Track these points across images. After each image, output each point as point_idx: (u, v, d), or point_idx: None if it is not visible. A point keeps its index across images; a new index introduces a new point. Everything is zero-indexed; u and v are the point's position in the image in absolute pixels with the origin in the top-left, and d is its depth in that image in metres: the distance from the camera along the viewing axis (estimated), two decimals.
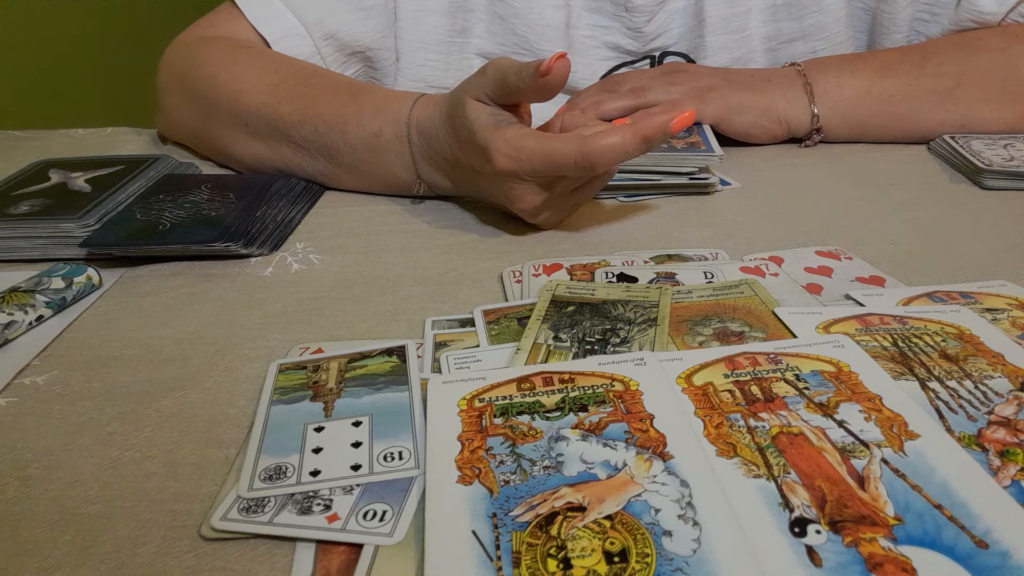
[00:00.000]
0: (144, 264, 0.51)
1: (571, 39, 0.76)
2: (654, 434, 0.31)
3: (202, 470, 0.32)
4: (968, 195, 0.59)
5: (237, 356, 0.41)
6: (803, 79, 0.67)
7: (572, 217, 0.56)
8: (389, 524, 0.28)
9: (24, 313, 0.43)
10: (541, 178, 0.49)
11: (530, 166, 0.48)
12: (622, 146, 0.46)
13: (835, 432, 0.30)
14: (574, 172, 0.48)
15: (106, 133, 0.83)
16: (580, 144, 0.47)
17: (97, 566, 0.28)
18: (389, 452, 0.31)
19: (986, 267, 0.47)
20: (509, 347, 0.39)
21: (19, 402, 0.38)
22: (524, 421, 0.32)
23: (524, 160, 0.48)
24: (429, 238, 0.54)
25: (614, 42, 0.76)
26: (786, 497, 0.27)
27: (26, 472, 0.33)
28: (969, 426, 0.31)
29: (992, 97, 0.66)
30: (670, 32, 0.76)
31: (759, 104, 0.67)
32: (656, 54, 0.77)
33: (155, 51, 0.75)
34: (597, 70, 0.77)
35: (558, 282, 0.44)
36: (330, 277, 0.49)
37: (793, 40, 0.75)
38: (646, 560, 0.25)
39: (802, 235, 0.52)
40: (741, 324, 0.40)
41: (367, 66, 0.75)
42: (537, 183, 0.50)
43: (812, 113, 0.67)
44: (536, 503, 0.28)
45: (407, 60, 0.76)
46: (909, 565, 0.24)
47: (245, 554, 0.28)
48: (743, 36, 0.75)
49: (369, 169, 0.59)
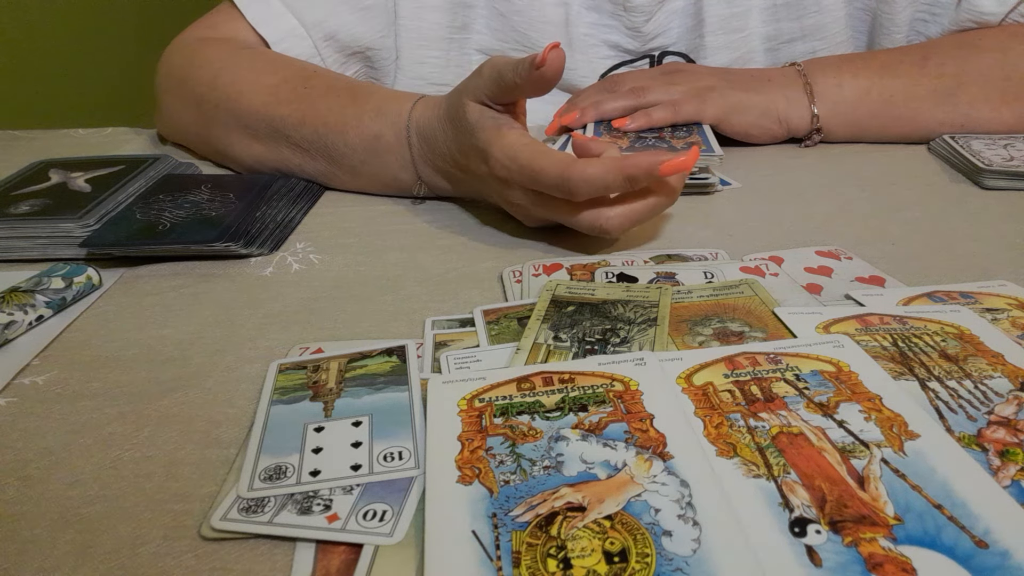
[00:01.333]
0: (144, 264, 0.51)
1: (571, 36, 0.76)
2: (654, 434, 0.31)
3: (202, 470, 0.32)
4: (968, 195, 0.59)
5: (237, 356, 0.41)
6: (803, 79, 0.67)
7: None
8: (389, 524, 0.28)
9: (24, 313, 0.44)
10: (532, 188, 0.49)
11: (519, 176, 0.48)
12: (602, 180, 0.45)
13: (835, 432, 0.30)
14: (556, 193, 0.47)
15: (106, 133, 0.84)
16: (564, 168, 0.46)
17: (97, 566, 0.28)
18: (389, 452, 0.31)
19: (986, 267, 0.47)
20: (509, 347, 0.39)
21: (19, 402, 0.38)
22: (524, 421, 0.32)
23: (514, 171, 0.48)
24: (429, 238, 0.54)
25: (613, 40, 0.76)
26: (786, 497, 0.27)
27: (26, 472, 0.33)
28: (969, 426, 0.31)
29: (993, 97, 0.66)
30: (669, 32, 0.76)
31: (759, 104, 0.67)
32: (655, 53, 0.77)
33: (155, 51, 0.75)
34: (597, 68, 0.77)
35: (558, 282, 0.44)
36: (330, 277, 0.49)
37: (793, 40, 0.75)
38: (646, 560, 0.25)
39: (802, 235, 0.52)
40: (741, 324, 0.40)
41: (367, 66, 0.75)
42: (532, 191, 0.49)
43: (812, 113, 0.67)
44: (536, 503, 0.28)
45: (407, 58, 0.76)
46: (909, 565, 0.24)
47: (245, 554, 0.28)
48: (743, 36, 0.75)
49: (369, 170, 0.59)
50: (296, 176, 0.62)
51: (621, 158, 0.46)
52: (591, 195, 0.46)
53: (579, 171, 0.45)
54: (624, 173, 0.45)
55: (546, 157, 0.47)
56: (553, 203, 0.49)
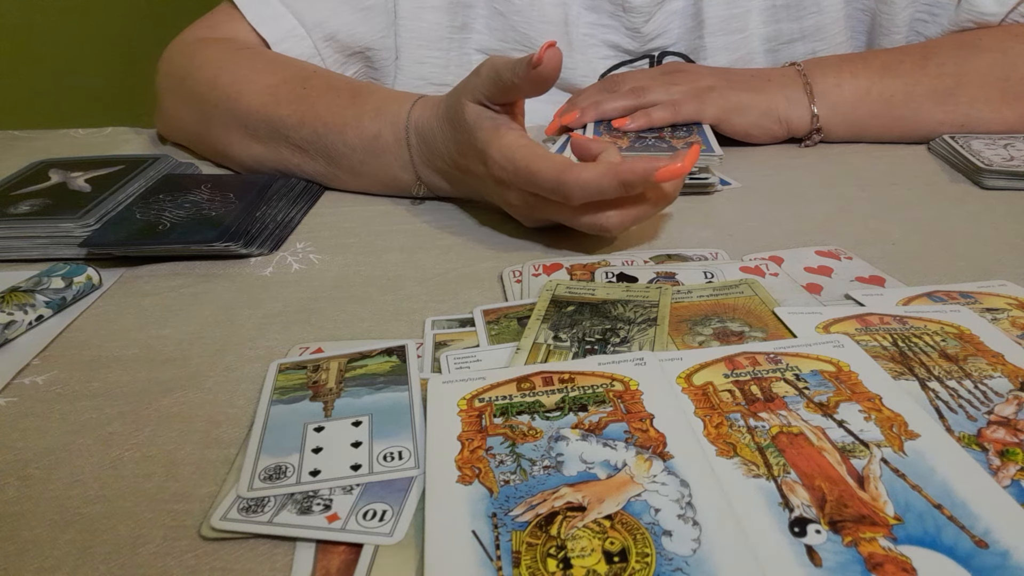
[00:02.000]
0: (144, 264, 0.51)
1: (570, 36, 0.76)
2: (654, 434, 0.31)
3: (202, 470, 0.32)
4: (968, 195, 0.59)
5: (237, 356, 0.41)
6: (803, 79, 0.67)
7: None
8: (389, 524, 0.28)
9: (24, 313, 0.44)
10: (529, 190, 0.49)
11: (515, 178, 0.48)
12: (597, 185, 0.45)
13: (835, 432, 0.30)
14: (552, 197, 0.47)
15: (106, 133, 0.84)
16: (559, 172, 0.45)
17: (97, 566, 0.28)
18: (389, 452, 0.31)
19: (986, 267, 0.47)
20: (509, 347, 0.39)
21: (19, 402, 0.38)
22: (524, 421, 0.32)
23: (511, 171, 0.48)
24: (429, 238, 0.54)
25: (613, 41, 0.76)
26: (786, 497, 0.27)
27: (26, 472, 0.33)
28: (969, 426, 0.31)
29: (993, 97, 0.66)
30: (669, 32, 0.76)
31: (759, 104, 0.67)
32: (655, 53, 0.77)
33: (155, 51, 0.75)
34: (596, 68, 0.77)
35: (558, 282, 0.44)
36: (330, 277, 0.49)
37: (793, 41, 0.75)
38: (646, 560, 0.25)
39: (802, 235, 0.52)
40: (741, 324, 0.40)
41: (367, 66, 0.75)
42: (529, 193, 0.49)
43: (812, 113, 0.67)
44: (536, 503, 0.28)
45: (407, 58, 0.76)
46: (909, 565, 0.24)
47: (245, 554, 0.28)
48: (743, 37, 0.75)
49: (368, 170, 0.59)
50: (296, 176, 0.62)
51: (616, 164, 0.46)
52: (586, 199, 0.46)
53: (575, 176, 0.45)
54: (620, 179, 0.45)
55: (543, 160, 0.47)
56: (551, 204, 0.49)
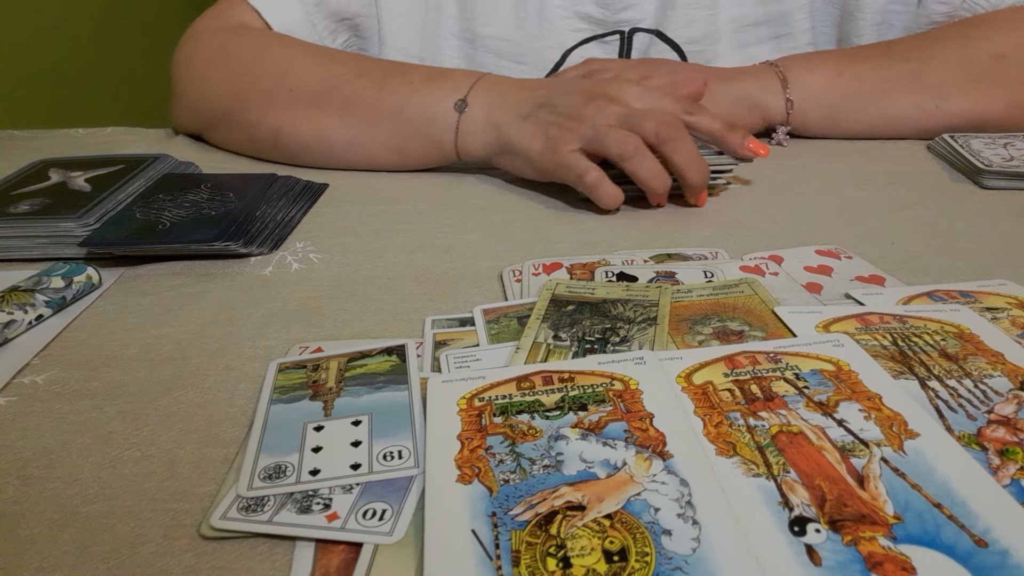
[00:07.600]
0: (144, 263, 0.51)
1: (543, 5, 0.77)
2: (654, 433, 0.31)
3: (201, 469, 0.32)
4: (968, 195, 0.59)
5: (237, 355, 0.41)
6: (775, 68, 0.69)
7: (571, 217, 0.56)
8: (388, 523, 0.28)
9: (24, 312, 0.44)
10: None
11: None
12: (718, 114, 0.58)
13: (835, 431, 0.30)
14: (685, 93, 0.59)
15: (106, 133, 0.84)
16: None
17: (97, 565, 0.28)
18: (389, 451, 0.31)
19: (986, 266, 0.47)
20: (509, 346, 0.39)
21: (19, 401, 0.38)
22: (524, 420, 0.32)
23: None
24: (429, 238, 0.54)
25: (585, 12, 0.77)
26: (786, 496, 0.27)
27: (26, 472, 0.33)
28: (969, 425, 0.31)
29: (959, 78, 0.67)
30: (640, 5, 0.77)
31: (732, 92, 0.68)
32: (625, 29, 0.77)
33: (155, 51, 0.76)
34: (564, 42, 0.79)
35: (558, 281, 0.44)
36: (330, 276, 0.49)
37: (758, 24, 0.77)
38: (645, 559, 0.25)
39: (802, 234, 0.52)
40: (741, 323, 0.40)
41: (355, 35, 0.79)
42: None
43: (786, 98, 0.68)
44: (535, 502, 0.28)
45: (387, 29, 0.79)
46: (909, 564, 0.24)
47: (245, 553, 0.28)
48: (710, 14, 0.77)
49: (410, 130, 0.63)
50: (321, 149, 0.65)
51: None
52: (705, 114, 0.57)
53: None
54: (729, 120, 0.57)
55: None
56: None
